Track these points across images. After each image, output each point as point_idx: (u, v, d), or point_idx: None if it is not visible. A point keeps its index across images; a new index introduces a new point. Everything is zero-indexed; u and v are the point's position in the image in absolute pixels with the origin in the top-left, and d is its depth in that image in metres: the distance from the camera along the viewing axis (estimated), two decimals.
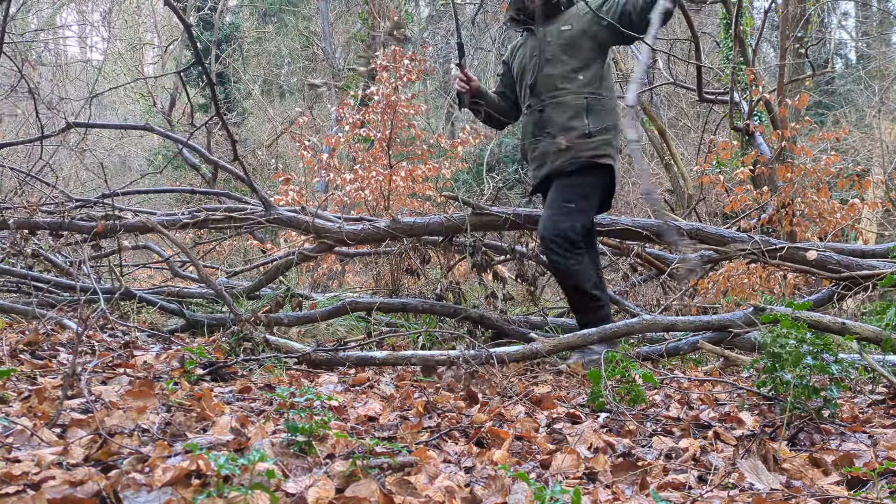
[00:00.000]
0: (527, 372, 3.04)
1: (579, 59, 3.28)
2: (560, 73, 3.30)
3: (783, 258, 3.40)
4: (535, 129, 3.39)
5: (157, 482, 1.20)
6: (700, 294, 4.73)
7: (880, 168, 9.24)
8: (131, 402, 1.71)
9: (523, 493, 1.36)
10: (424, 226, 3.77)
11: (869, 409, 2.19)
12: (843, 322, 2.42)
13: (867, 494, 1.41)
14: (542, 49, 3.36)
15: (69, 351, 2.46)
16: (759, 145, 5.66)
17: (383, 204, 5.73)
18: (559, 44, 3.31)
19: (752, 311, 2.67)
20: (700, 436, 1.88)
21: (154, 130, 4.37)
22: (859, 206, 4.92)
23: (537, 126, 3.36)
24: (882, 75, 13.56)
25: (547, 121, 3.29)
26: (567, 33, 3.30)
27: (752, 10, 9.87)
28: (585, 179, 3.24)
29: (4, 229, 3.94)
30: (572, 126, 3.23)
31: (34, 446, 1.38)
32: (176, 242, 3.40)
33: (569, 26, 3.30)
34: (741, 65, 6.96)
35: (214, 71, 12.66)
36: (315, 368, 2.76)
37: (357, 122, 6.74)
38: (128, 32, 16.04)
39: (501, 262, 4.35)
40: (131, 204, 6.72)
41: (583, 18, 3.28)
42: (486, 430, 1.84)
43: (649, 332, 3.13)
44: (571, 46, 3.28)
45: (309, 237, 4.04)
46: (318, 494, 1.24)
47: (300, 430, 1.53)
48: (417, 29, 15.08)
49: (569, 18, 3.33)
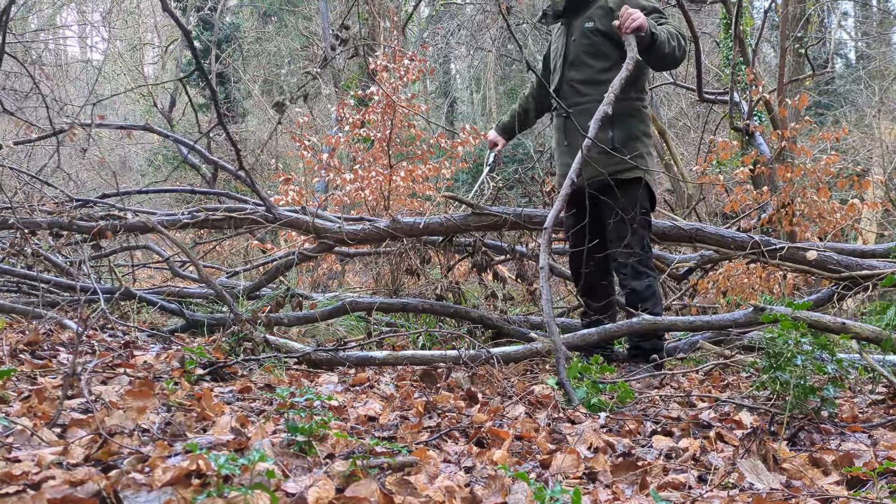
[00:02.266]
0: (527, 372, 3.04)
1: (604, 61, 3.06)
2: (584, 78, 3.10)
3: (783, 258, 3.40)
4: (559, 137, 3.24)
5: (157, 482, 1.20)
6: (700, 294, 4.73)
7: (880, 168, 9.24)
8: (131, 402, 1.71)
9: (523, 493, 1.36)
10: (424, 226, 3.77)
11: (869, 409, 2.19)
12: (843, 322, 2.42)
13: (867, 494, 1.41)
14: (566, 48, 3.14)
15: (69, 351, 2.46)
16: (759, 145, 5.66)
17: (383, 204, 5.73)
18: (582, 44, 3.09)
19: (752, 311, 2.67)
20: (700, 436, 1.88)
21: (154, 130, 4.38)
22: (859, 206, 4.92)
23: (562, 134, 3.21)
24: (882, 75, 13.56)
25: (571, 130, 3.08)
26: (589, 32, 3.07)
27: (752, 10, 9.87)
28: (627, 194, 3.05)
29: (4, 229, 3.94)
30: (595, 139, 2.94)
31: (34, 446, 1.38)
32: (176, 242, 3.40)
33: (592, 23, 3.07)
34: (741, 65, 6.96)
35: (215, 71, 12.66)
36: (315, 368, 2.76)
37: (357, 122, 6.74)
38: (128, 32, 16.02)
39: (501, 262, 4.35)
40: (131, 204, 6.72)
41: (605, 14, 3.05)
42: (486, 430, 1.84)
43: (653, 332, 3.13)
44: (595, 46, 3.06)
45: (309, 237, 4.04)
46: (318, 494, 1.24)
47: (300, 430, 1.53)
48: (417, 29, 15.06)
49: (593, 12, 3.09)
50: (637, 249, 3.04)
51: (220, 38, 13.82)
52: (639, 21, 2.85)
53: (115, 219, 3.87)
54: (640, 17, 2.86)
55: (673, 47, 2.93)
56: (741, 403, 2.16)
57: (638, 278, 3.04)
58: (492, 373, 2.63)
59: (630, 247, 3.03)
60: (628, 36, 2.89)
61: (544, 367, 3.09)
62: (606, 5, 3.06)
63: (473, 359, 2.67)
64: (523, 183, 3.73)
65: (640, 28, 2.86)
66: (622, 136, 3.06)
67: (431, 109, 14.84)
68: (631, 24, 2.85)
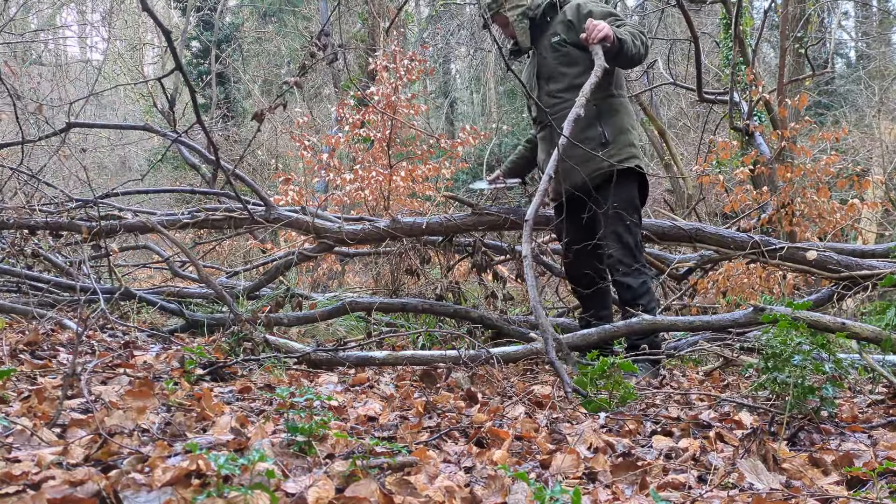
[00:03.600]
0: (527, 372, 3.04)
1: (578, 66, 3.14)
2: (563, 87, 3.17)
3: (783, 258, 3.40)
4: (546, 146, 3.26)
5: (157, 482, 1.20)
6: (700, 294, 4.73)
7: (880, 168, 9.25)
8: (131, 402, 1.71)
9: (523, 493, 1.36)
10: (425, 226, 3.77)
11: (869, 409, 2.19)
12: (842, 322, 2.42)
13: (867, 494, 1.41)
14: (539, 67, 3.26)
15: (69, 351, 2.46)
16: (759, 145, 5.66)
17: (383, 204, 5.73)
18: (554, 57, 3.19)
19: (752, 311, 2.67)
20: (700, 436, 1.88)
21: (153, 130, 4.37)
22: (859, 206, 4.92)
23: (548, 143, 3.23)
24: (882, 75, 13.56)
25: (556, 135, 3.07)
26: (557, 45, 3.18)
27: (752, 10, 9.87)
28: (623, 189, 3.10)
29: (4, 229, 3.94)
30: (587, 137, 3.08)
31: (34, 446, 1.38)
32: (176, 242, 3.40)
33: (557, 36, 3.19)
34: (741, 65, 6.96)
35: (214, 71, 12.66)
36: (315, 368, 2.76)
37: (357, 122, 6.74)
38: (128, 32, 16.03)
39: (501, 262, 4.35)
40: (131, 204, 6.72)
41: (567, 27, 3.17)
42: (486, 430, 1.84)
43: (652, 332, 3.13)
44: (566, 56, 3.16)
45: (309, 237, 4.04)
46: (318, 494, 1.24)
47: (300, 430, 1.53)
48: (417, 29, 15.06)
49: (555, 28, 3.22)
50: (631, 244, 3.10)
51: (220, 38, 13.83)
52: (604, 31, 2.97)
53: (116, 219, 3.88)
54: (605, 28, 2.98)
55: (638, 47, 3.05)
56: (742, 402, 2.16)
57: (633, 275, 3.08)
58: (492, 373, 2.63)
59: (625, 242, 3.09)
60: (595, 46, 3.01)
61: (544, 366, 3.09)
62: (565, 18, 3.19)
63: (473, 359, 2.67)
64: (523, 183, 3.76)
65: (606, 38, 2.98)
66: (612, 130, 3.14)
67: (431, 109, 14.85)
68: (597, 36, 2.97)
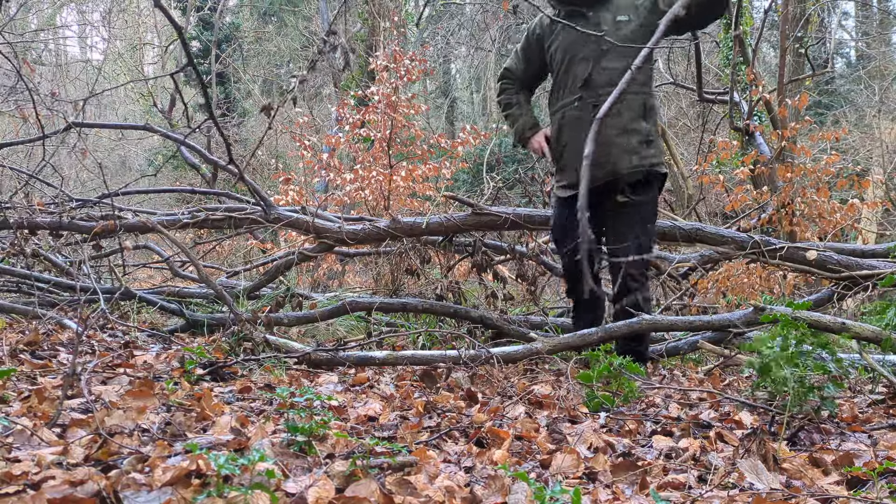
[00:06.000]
0: (527, 372, 3.04)
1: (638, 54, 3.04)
2: (621, 68, 2.93)
3: (783, 258, 3.40)
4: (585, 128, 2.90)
5: (157, 482, 1.20)
6: (700, 294, 4.73)
7: (880, 168, 9.24)
8: (131, 402, 1.71)
9: (523, 492, 1.36)
10: (424, 226, 3.77)
11: (869, 409, 2.19)
12: (842, 322, 2.42)
13: (867, 494, 1.41)
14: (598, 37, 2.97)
15: (69, 351, 2.46)
16: (759, 145, 5.66)
17: (383, 204, 5.73)
18: (618, 36, 2.97)
19: (752, 311, 2.67)
20: (700, 436, 1.88)
21: (154, 130, 4.38)
22: (859, 205, 4.93)
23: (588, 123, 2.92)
24: (882, 75, 13.56)
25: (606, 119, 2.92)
26: (624, 26, 3.01)
27: (752, 10, 9.86)
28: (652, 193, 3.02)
29: (4, 229, 3.94)
30: (634, 129, 2.96)
31: (34, 446, 1.38)
32: (176, 242, 3.40)
33: (626, 17, 3.01)
34: (741, 65, 6.96)
35: (214, 71, 12.65)
36: (315, 368, 2.76)
37: (357, 122, 6.74)
38: (128, 32, 16.03)
39: (501, 262, 4.35)
40: (131, 204, 6.72)
41: (639, 10, 3.01)
42: (486, 430, 1.84)
43: (650, 332, 3.13)
44: (631, 41, 2.96)
45: (309, 237, 4.04)
46: (318, 494, 1.24)
47: (300, 430, 1.53)
48: (417, 29, 15.06)
49: (624, 7, 3.03)
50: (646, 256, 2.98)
51: (220, 38, 13.82)
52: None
53: (115, 219, 3.87)
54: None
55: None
56: (742, 402, 2.16)
57: (645, 286, 2.99)
58: (492, 373, 2.63)
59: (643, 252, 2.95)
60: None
61: (544, 366, 3.09)
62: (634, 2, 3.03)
63: (473, 359, 2.67)
64: (523, 183, 3.74)
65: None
66: (654, 130, 3.03)
67: (431, 109, 14.84)
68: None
